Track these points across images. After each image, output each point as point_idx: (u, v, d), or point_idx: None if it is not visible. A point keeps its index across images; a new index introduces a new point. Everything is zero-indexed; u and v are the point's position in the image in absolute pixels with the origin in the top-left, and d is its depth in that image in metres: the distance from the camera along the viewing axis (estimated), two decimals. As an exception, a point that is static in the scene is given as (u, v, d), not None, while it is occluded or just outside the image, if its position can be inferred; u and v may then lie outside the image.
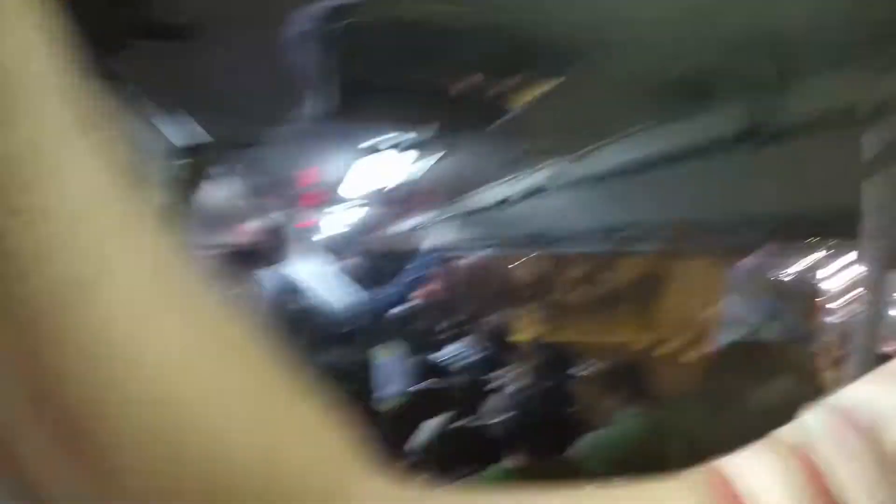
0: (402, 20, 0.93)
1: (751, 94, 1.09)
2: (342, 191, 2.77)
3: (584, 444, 1.98)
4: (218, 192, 2.40)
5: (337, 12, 0.86)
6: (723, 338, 2.09)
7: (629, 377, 2.12)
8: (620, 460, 1.90)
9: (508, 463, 1.83)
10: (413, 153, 1.97)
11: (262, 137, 1.65)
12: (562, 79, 1.19)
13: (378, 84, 1.35)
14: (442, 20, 0.92)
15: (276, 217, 2.74)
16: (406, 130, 1.75)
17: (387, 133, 1.80)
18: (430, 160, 1.84)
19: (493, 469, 1.84)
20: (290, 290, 1.66)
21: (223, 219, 2.13)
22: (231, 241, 2.32)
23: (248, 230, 2.40)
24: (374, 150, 1.95)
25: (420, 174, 2.17)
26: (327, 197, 3.51)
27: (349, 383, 1.64)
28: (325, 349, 1.62)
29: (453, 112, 1.51)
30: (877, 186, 0.94)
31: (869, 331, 0.95)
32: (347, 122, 1.45)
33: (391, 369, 2.96)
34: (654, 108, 1.35)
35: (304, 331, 1.60)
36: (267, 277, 1.65)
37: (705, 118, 1.29)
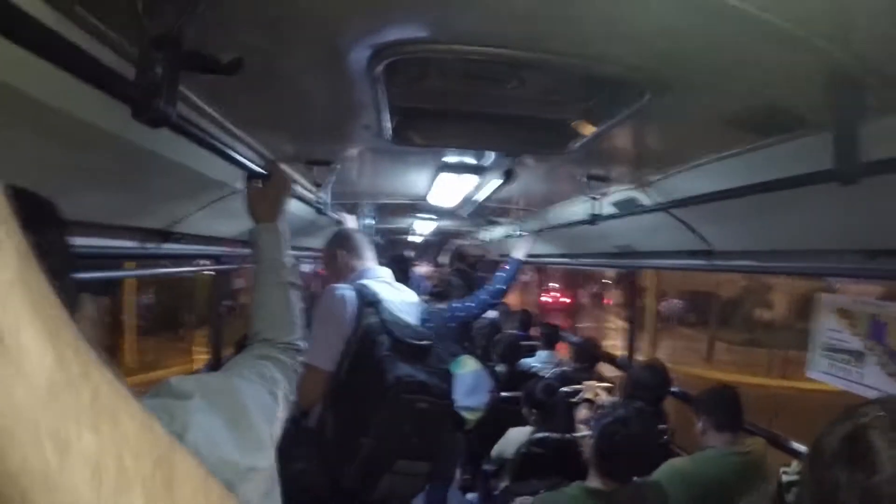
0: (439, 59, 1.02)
1: (839, 129, 1.06)
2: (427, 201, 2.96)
3: (665, 471, 1.96)
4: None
5: (379, 53, 0.96)
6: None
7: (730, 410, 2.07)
8: (700, 490, 1.86)
9: (593, 482, 1.83)
10: (488, 172, 2.09)
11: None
12: (633, 109, 1.20)
13: (431, 112, 1.48)
14: (479, 59, 0.98)
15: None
16: (474, 151, 1.86)
17: (456, 154, 1.93)
18: (502, 179, 1.93)
19: (575, 486, 1.86)
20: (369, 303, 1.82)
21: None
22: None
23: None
24: (449, 167, 2.10)
25: (494, 192, 2.27)
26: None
27: (432, 396, 1.74)
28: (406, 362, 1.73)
29: (522, 136, 1.60)
30: None
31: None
32: (406, 143, 1.57)
33: (473, 380, 3.03)
34: (737, 138, 1.33)
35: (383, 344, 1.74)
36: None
37: (791, 150, 1.27)
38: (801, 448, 2.10)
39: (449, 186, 2.46)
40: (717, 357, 8.98)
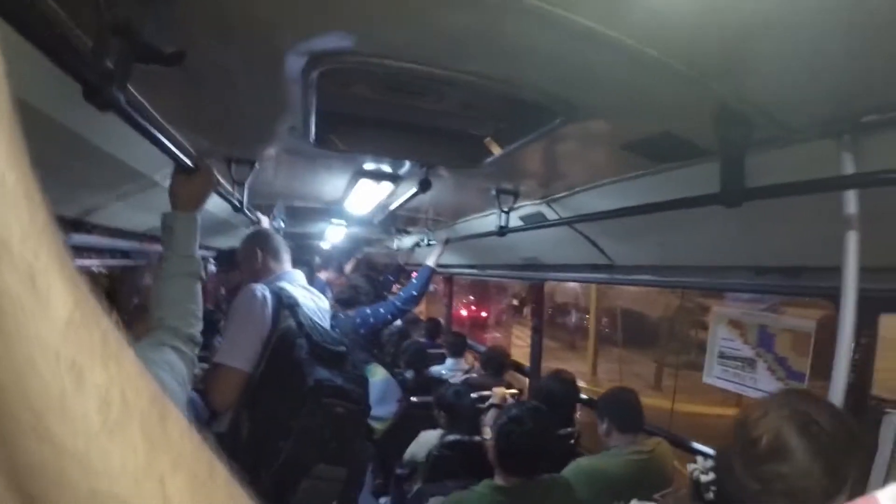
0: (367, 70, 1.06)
1: (726, 158, 1.20)
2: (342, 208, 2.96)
3: (571, 468, 2.09)
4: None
5: (315, 60, 1.01)
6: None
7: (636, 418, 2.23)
8: (604, 486, 2.01)
9: (499, 479, 1.92)
10: (404, 181, 2.16)
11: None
12: (544, 130, 1.31)
13: (354, 118, 1.55)
14: (406, 72, 1.05)
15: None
16: (391, 160, 1.93)
17: (374, 161, 1.99)
18: (417, 188, 2.01)
19: (483, 484, 1.94)
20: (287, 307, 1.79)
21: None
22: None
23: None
24: (367, 174, 2.15)
25: (408, 200, 2.34)
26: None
27: (350, 401, 1.74)
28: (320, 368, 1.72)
29: (439, 148, 1.69)
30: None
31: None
32: (328, 147, 1.61)
33: (382, 388, 3.05)
34: (637, 162, 1.49)
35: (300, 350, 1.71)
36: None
37: (684, 175, 1.43)
38: (700, 447, 2.27)
39: (365, 193, 2.50)
40: (665, 383, 8.67)
